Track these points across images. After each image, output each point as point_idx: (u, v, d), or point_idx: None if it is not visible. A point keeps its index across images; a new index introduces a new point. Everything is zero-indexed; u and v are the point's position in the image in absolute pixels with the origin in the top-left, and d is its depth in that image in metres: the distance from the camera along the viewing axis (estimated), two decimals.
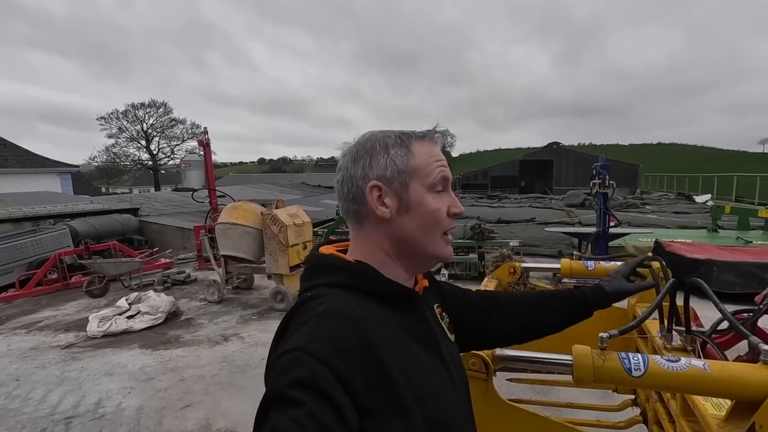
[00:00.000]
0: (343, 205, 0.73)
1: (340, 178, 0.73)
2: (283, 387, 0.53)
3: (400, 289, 0.71)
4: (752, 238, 6.72)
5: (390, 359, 0.60)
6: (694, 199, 17.20)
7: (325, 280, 0.69)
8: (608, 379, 1.05)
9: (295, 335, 0.59)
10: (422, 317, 0.74)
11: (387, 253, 0.72)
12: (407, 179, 0.70)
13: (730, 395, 0.97)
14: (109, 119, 34.67)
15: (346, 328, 0.60)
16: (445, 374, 0.72)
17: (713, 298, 1.28)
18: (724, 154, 68.65)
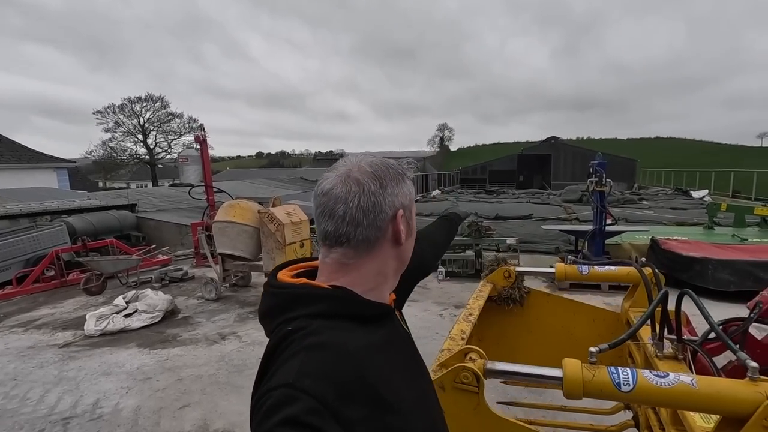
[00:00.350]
0: (362, 232, 0.68)
1: (363, 204, 0.68)
2: (272, 426, 0.50)
3: (381, 309, 0.72)
4: (748, 236, 6.74)
5: (381, 384, 0.60)
6: (691, 194, 17.23)
7: (305, 312, 0.65)
8: (597, 394, 1.06)
9: (281, 371, 0.57)
10: (399, 329, 0.77)
11: (384, 275, 0.74)
12: (412, 207, 0.78)
13: (717, 411, 0.98)
14: (106, 113, 34.48)
15: (336, 360, 0.58)
16: (425, 382, 0.76)
17: (703, 310, 1.29)
18: (722, 148, 68.70)
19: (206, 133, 8.18)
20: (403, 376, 0.68)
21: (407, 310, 0.94)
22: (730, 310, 4.82)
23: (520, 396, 2.77)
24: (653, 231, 7.34)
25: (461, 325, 1.66)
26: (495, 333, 2.28)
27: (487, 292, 2.12)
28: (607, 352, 1.39)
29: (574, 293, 5.52)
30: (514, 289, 2.22)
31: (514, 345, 2.29)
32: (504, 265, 2.24)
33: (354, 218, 0.68)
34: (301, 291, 0.69)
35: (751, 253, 5.51)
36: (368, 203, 0.69)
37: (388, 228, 0.71)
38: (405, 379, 0.68)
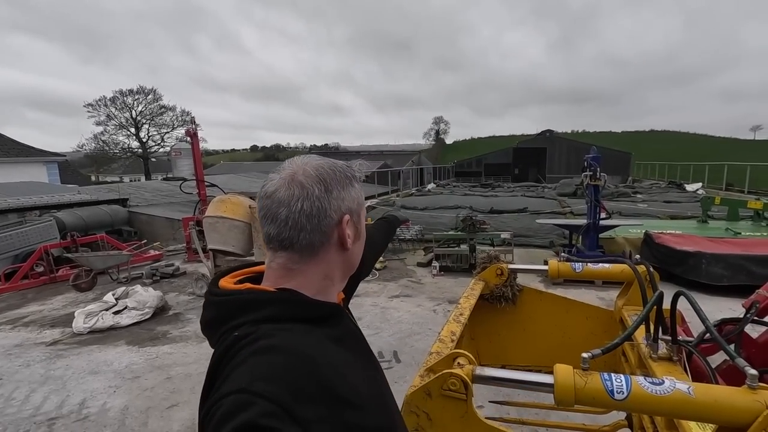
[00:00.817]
0: (305, 236, 0.67)
1: (307, 209, 0.67)
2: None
3: (330, 309, 0.72)
4: (741, 229, 6.75)
5: (336, 383, 0.60)
6: (685, 187, 17.29)
7: (250, 318, 0.63)
8: (590, 402, 1.02)
9: (232, 377, 0.55)
10: (350, 327, 0.77)
11: (331, 279, 0.73)
12: (360, 211, 0.76)
13: (715, 420, 0.94)
14: (97, 106, 34.10)
15: (288, 361, 0.57)
16: (378, 377, 0.76)
17: (700, 313, 1.25)
18: (716, 141, 69.07)
19: (198, 126, 8.06)
20: (357, 372, 0.67)
21: (401, 305, 0.90)
22: (723, 303, 4.83)
23: (513, 394, 2.74)
24: (647, 225, 7.33)
25: (451, 326, 1.61)
26: (487, 331, 2.25)
27: (479, 290, 2.08)
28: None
29: (569, 288, 5.51)
30: (506, 287, 2.17)
31: (506, 343, 2.25)
32: (496, 263, 2.20)
33: (297, 223, 0.67)
34: (245, 297, 0.67)
35: (744, 247, 5.52)
36: (312, 207, 0.67)
37: (333, 233, 0.70)
38: (360, 375, 0.67)
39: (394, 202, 12.56)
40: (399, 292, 5.82)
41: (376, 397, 0.69)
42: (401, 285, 6.16)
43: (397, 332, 4.38)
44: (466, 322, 1.68)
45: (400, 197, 15.24)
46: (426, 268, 7.03)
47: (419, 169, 27.59)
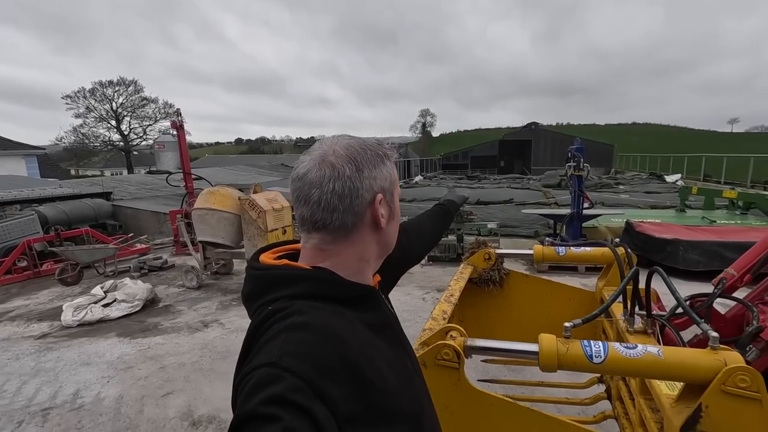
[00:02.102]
0: (338, 217, 0.68)
1: (339, 189, 0.67)
2: (256, 405, 0.50)
3: (365, 290, 0.72)
4: (716, 218, 7.02)
5: (364, 364, 0.61)
6: (665, 178, 17.75)
7: (286, 293, 0.65)
8: (571, 366, 1.11)
9: (264, 351, 0.57)
10: (381, 309, 0.76)
11: (366, 260, 0.73)
12: (393, 190, 0.76)
13: (681, 378, 1.04)
14: (76, 98, 33.16)
15: (317, 339, 0.59)
16: (409, 363, 0.75)
17: (671, 286, 1.35)
18: (695, 134, 70.70)
19: (183, 118, 7.97)
20: (387, 357, 0.68)
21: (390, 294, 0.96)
22: (699, 288, 5.01)
23: (500, 374, 2.86)
24: (628, 214, 7.56)
25: (442, 305, 1.69)
26: (475, 313, 2.34)
27: (468, 274, 2.17)
28: (583, 329, 1.45)
29: (552, 275, 5.68)
30: (494, 270, 2.27)
31: (494, 325, 2.35)
32: (484, 248, 2.29)
33: (329, 204, 0.67)
34: (282, 272, 0.69)
35: (719, 234, 5.75)
36: (344, 188, 0.67)
37: (366, 213, 0.69)
38: (390, 360, 0.68)
39: None
40: None
41: (405, 383, 0.69)
42: None
43: None
44: (456, 303, 1.77)
45: None
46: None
47: (406, 162, 27.66)
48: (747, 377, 0.95)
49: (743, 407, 0.96)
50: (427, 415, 0.73)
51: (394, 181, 0.76)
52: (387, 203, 0.73)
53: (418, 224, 1.30)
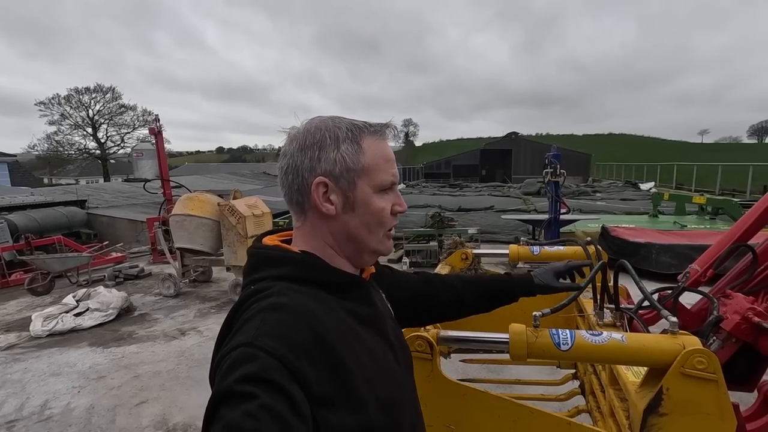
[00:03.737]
0: (287, 193, 0.71)
1: (284, 165, 0.70)
2: (232, 383, 0.51)
3: (348, 278, 0.72)
4: (687, 223, 7.28)
5: (341, 348, 0.61)
6: (640, 186, 18.30)
7: (271, 273, 0.66)
8: (540, 354, 1.14)
9: (242, 331, 0.58)
10: (370, 302, 0.75)
11: (332, 247, 0.72)
12: (355, 178, 0.68)
13: (644, 363, 1.08)
14: (50, 105, 32.22)
15: (295, 321, 0.59)
16: (391, 356, 0.73)
17: (635, 277, 1.40)
18: (668, 144, 73.29)
19: (162, 125, 7.85)
20: (368, 345, 0.67)
21: None
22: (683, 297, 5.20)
23: (479, 375, 2.88)
24: (604, 219, 7.76)
25: None
26: None
27: (446, 273, 2.19)
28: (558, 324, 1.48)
29: None
30: (471, 270, 2.30)
31: (471, 324, 2.37)
32: (461, 248, 2.33)
33: (280, 180, 0.71)
34: (271, 253, 0.70)
35: (689, 237, 5.96)
36: (287, 165, 0.69)
37: (310, 195, 0.68)
38: (370, 349, 0.68)
39: None
40: None
41: (384, 373, 0.68)
42: None
43: None
44: None
45: None
46: (396, 264, 7.14)
47: None
48: (704, 359, 0.99)
49: (701, 388, 1.00)
50: (407, 409, 0.72)
51: (351, 168, 0.68)
52: (338, 189, 0.68)
53: (451, 279, 1.14)
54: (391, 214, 0.73)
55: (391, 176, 0.72)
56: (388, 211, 0.72)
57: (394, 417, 0.66)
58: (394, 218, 0.74)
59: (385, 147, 0.72)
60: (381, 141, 0.71)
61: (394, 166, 0.73)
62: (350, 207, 0.69)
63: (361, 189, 0.69)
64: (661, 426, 1.03)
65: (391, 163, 0.72)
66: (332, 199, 0.68)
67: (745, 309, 1.59)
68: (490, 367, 3.07)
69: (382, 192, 0.71)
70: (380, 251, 0.74)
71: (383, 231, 0.73)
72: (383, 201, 0.71)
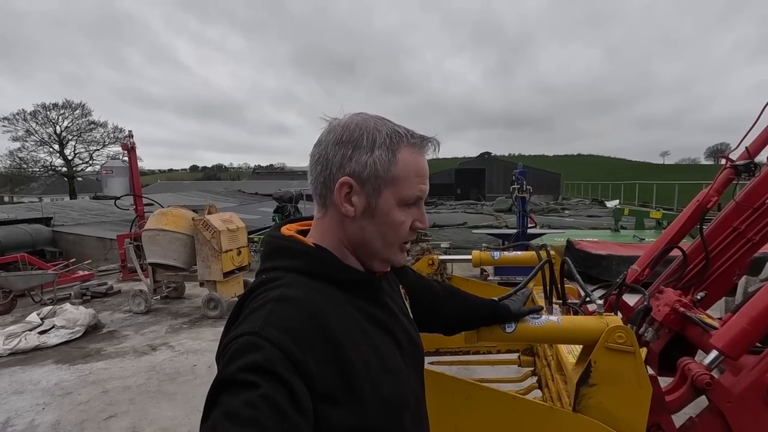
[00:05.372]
0: (313, 182, 0.70)
1: (315, 154, 0.69)
2: (236, 370, 0.52)
3: (359, 276, 0.71)
4: (646, 236, 7.71)
5: (346, 344, 0.61)
6: (606, 204, 19.14)
7: (283, 264, 0.67)
8: (488, 337, 1.28)
9: (249, 319, 0.59)
10: (380, 301, 0.74)
11: (346, 246, 0.71)
12: (381, 186, 0.67)
13: (576, 340, 1.24)
14: (14, 120, 31.11)
15: (302, 314, 0.59)
16: (398, 355, 0.72)
17: (575, 276, 1.58)
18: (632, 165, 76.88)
19: (134, 141, 7.80)
20: (376, 344, 0.67)
21: None
22: (631, 299, 5.48)
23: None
24: (571, 234, 8.12)
25: None
26: None
27: None
28: None
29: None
30: (437, 275, 2.45)
31: None
32: (428, 254, 2.48)
33: (310, 167, 0.70)
34: (285, 243, 0.71)
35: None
36: (319, 154, 0.68)
37: (334, 190, 0.67)
38: (378, 348, 0.67)
39: None
40: None
41: (390, 373, 0.67)
42: None
43: None
44: None
45: None
46: None
47: None
48: (623, 334, 1.15)
49: (621, 359, 1.16)
50: (411, 410, 0.71)
51: (379, 176, 0.66)
52: (363, 193, 0.66)
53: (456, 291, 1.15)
54: (410, 229, 0.71)
55: (419, 191, 0.70)
56: (407, 226, 0.70)
57: (396, 417, 0.66)
58: (412, 233, 0.72)
59: (420, 160, 0.70)
60: (418, 154, 0.70)
61: (426, 181, 0.71)
62: (370, 213, 0.68)
63: (385, 199, 0.67)
64: (591, 395, 1.18)
65: (423, 178, 0.70)
66: (354, 200, 0.67)
67: (674, 301, 1.79)
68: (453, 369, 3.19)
69: (405, 206, 0.69)
70: (392, 261, 0.73)
71: (398, 243, 0.71)
72: (404, 215, 0.69)
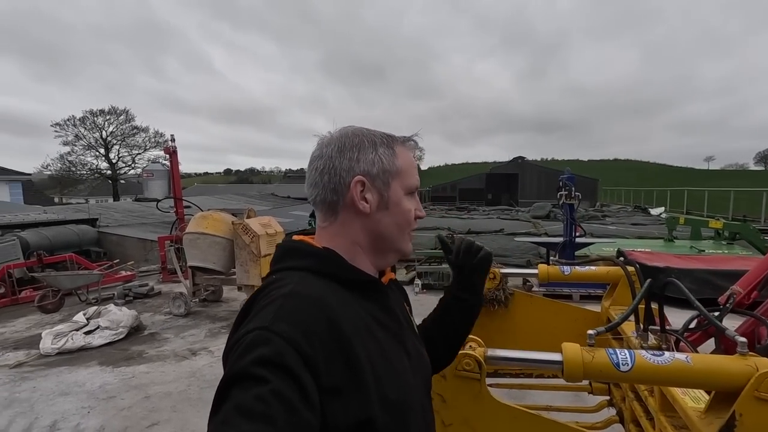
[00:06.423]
0: (320, 193, 0.73)
1: (320, 167, 0.73)
2: (247, 365, 0.52)
3: (366, 277, 0.73)
4: (704, 247, 7.15)
5: (354, 341, 0.61)
6: (650, 211, 18.18)
7: (293, 264, 0.70)
8: (597, 375, 1.08)
9: (260, 315, 0.59)
10: (387, 306, 0.75)
11: (359, 245, 0.74)
12: (390, 179, 0.74)
13: (711, 386, 1.01)
14: (65, 126, 32.98)
15: (312, 309, 0.60)
16: (406, 361, 0.73)
17: (689, 296, 1.35)
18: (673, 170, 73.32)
19: (176, 144, 7.96)
20: (383, 345, 0.68)
21: None
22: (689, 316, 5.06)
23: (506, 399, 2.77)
24: (618, 244, 7.65)
25: None
26: (480, 334, 2.28)
27: None
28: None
29: None
30: (499, 290, 2.24)
31: (498, 346, 2.30)
32: None
33: (313, 180, 0.73)
34: (295, 245, 0.74)
35: (708, 262, 5.84)
36: (324, 165, 0.72)
37: (347, 194, 0.72)
38: (384, 349, 0.68)
39: None
40: None
41: (396, 374, 0.68)
42: None
43: None
44: None
45: None
46: (408, 286, 7.05)
47: None
48: None
49: None
50: (418, 419, 0.71)
51: (387, 169, 0.73)
52: (374, 188, 0.73)
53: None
54: (414, 218, 0.78)
55: (416, 181, 0.79)
56: (413, 214, 0.78)
57: (401, 419, 0.66)
58: (415, 222, 0.79)
59: (411, 156, 0.79)
60: (408, 150, 0.79)
61: (417, 174, 0.80)
62: (384, 206, 0.74)
63: (395, 190, 0.74)
64: None
65: (416, 170, 0.79)
66: (368, 197, 0.72)
67: None
68: (513, 392, 2.96)
69: (409, 195, 0.77)
70: (404, 251, 0.79)
71: (408, 231, 0.78)
72: (410, 203, 0.77)
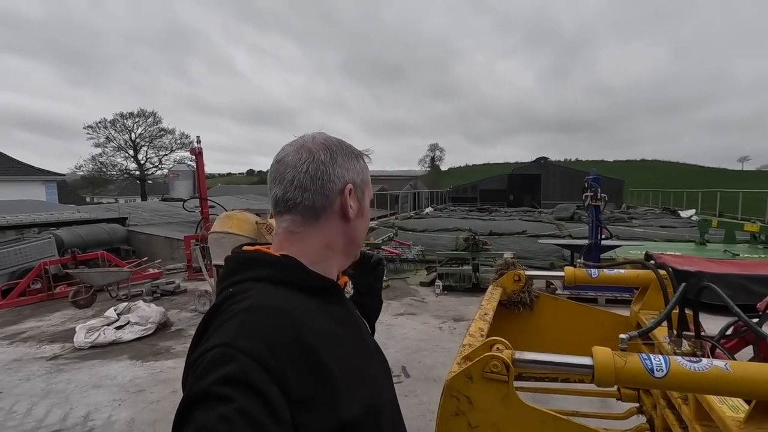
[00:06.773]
0: (308, 197, 0.70)
1: (308, 169, 0.70)
2: (208, 384, 0.50)
3: (327, 282, 0.73)
4: (739, 251, 6.86)
5: (321, 349, 0.60)
6: (679, 213, 17.56)
7: (250, 275, 0.66)
8: (630, 381, 1.05)
9: (219, 331, 0.57)
10: (347, 309, 0.77)
11: (332, 249, 0.74)
12: (364, 188, 0.79)
13: (752, 395, 0.98)
14: (97, 128, 34.30)
15: (275, 322, 0.58)
16: (372, 362, 0.75)
17: (727, 301, 1.30)
18: (705, 171, 70.56)
19: (201, 146, 8.16)
20: (347, 347, 0.68)
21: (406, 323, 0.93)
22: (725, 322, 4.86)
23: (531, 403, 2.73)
24: (646, 246, 7.43)
25: (478, 323, 1.64)
26: (505, 337, 2.26)
27: (498, 296, 2.11)
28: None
29: None
30: (524, 292, 2.21)
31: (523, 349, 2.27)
32: (513, 269, 2.24)
33: (302, 183, 0.70)
34: (251, 255, 0.71)
35: (743, 267, 5.60)
36: (317, 170, 0.70)
37: (336, 199, 0.72)
38: (350, 351, 0.68)
39: (393, 224, 12.61)
40: (403, 310, 5.81)
41: (364, 377, 0.68)
42: (405, 303, 6.14)
43: (404, 348, 4.36)
44: (491, 321, 1.71)
45: (398, 220, 15.33)
46: (429, 287, 7.02)
47: (416, 194, 27.84)
48: None
49: None
50: (388, 418, 0.71)
51: (366, 181, 0.79)
52: (357, 197, 0.76)
53: None
54: None
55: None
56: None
57: (373, 422, 0.66)
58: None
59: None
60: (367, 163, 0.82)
61: None
62: (361, 213, 0.77)
63: (365, 199, 0.79)
64: None
65: None
66: (351, 204, 0.74)
67: None
68: (536, 396, 2.91)
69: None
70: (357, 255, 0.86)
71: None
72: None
